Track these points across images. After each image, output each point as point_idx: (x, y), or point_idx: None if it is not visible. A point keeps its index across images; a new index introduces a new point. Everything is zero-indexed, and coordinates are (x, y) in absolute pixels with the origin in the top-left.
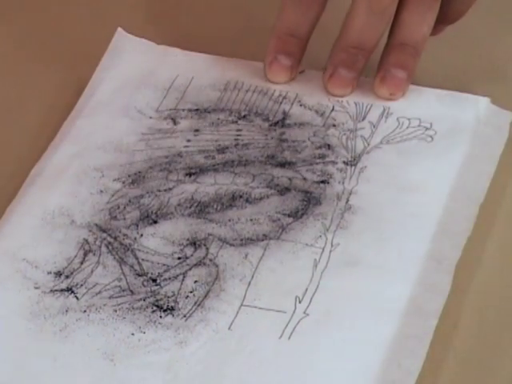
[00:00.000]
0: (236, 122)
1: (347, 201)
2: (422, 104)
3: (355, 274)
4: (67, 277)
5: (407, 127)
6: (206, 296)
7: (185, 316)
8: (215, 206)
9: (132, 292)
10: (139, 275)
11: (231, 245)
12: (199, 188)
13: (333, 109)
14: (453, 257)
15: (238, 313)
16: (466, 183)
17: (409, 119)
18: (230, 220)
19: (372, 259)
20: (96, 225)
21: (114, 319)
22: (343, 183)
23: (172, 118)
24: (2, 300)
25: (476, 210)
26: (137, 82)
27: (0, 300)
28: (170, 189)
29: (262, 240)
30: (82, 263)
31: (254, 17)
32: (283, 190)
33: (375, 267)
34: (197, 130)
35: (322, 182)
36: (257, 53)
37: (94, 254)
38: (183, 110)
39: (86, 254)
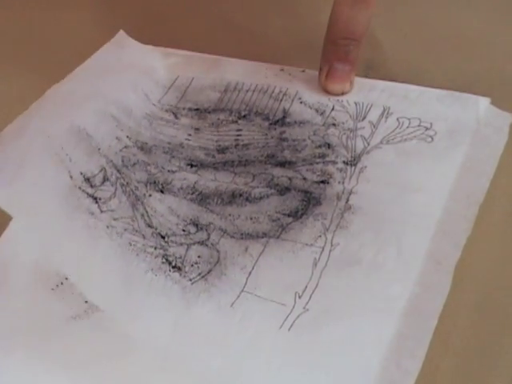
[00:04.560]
0: (236, 121)
1: (347, 201)
2: (422, 104)
3: (355, 273)
4: (92, 186)
5: (407, 127)
6: (208, 272)
7: (190, 280)
8: (215, 200)
9: (144, 237)
10: (149, 226)
11: (232, 237)
12: (200, 180)
13: (333, 108)
14: (452, 257)
15: (238, 297)
16: (466, 183)
17: (409, 119)
18: (230, 215)
19: (371, 259)
20: (112, 161)
21: (129, 251)
22: (343, 183)
23: (173, 113)
24: (39, 177)
25: (476, 210)
26: (140, 73)
27: (37, 177)
28: (173, 171)
29: (262, 237)
30: (102, 184)
31: (255, 17)
32: (283, 190)
33: (375, 267)
34: (197, 129)
35: (322, 181)
36: (257, 53)
37: (112, 185)
38: (183, 108)
39: (104, 180)
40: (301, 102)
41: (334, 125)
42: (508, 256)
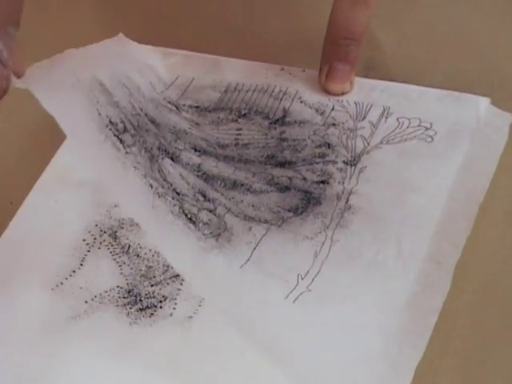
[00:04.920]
0: (236, 120)
1: (347, 201)
2: (422, 104)
3: (355, 268)
4: (117, 130)
5: (407, 127)
6: (218, 235)
7: (204, 235)
8: (219, 182)
9: (162, 186)
10: (165, 180)
11: (236, 216)
12: (204, 163)
13: (333, 108)
14: (452, 257)
15: (245, 263)
16: (466, 183)
17: (409, 119)
18: (233, 197)
19: (371, 257)
20: (129, 119)
21: (151, 192)
22: (343, 183)
23: (175, 105)
24: (73, 103)
25: (476, 210)
26: (143, 66)
27: (71, 102)
28: (180, 149)
29: (264, 223)
30: (123, 133)
31: (255, 17)
32: (283, 189)
33: (375, 264)
34: (198, 124)
35: (322, 182)
36: (257, 53)
37: (132, 136)
38: (184, 104)
39: (124, 130)
40: (301, 102)
41: (333, 125)
42: (508, 256)
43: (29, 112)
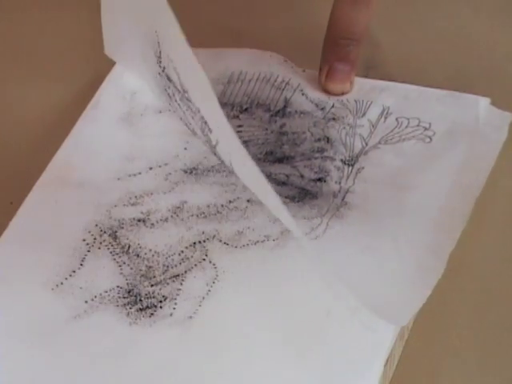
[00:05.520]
0: (237, 116)
1: (343, 198)
2: (422, 104)
3: (351, 250)
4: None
5: (406, 127)
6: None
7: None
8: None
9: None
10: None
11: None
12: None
13: (333, 106)
14: (447, 247)
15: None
16: (464, 184)
17: (408, 119)
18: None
19: (367, 245)
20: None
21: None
22: (340, 183)
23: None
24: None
25: (471, 205)
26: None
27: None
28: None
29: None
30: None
31: (255, 17)
32: (280, 183)
33: (370, 250)
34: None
35: (319, 179)
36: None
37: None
38: None
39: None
40: (302, 94)
41: (334, 119)
42: (508, 256)
43: (29, 112)
